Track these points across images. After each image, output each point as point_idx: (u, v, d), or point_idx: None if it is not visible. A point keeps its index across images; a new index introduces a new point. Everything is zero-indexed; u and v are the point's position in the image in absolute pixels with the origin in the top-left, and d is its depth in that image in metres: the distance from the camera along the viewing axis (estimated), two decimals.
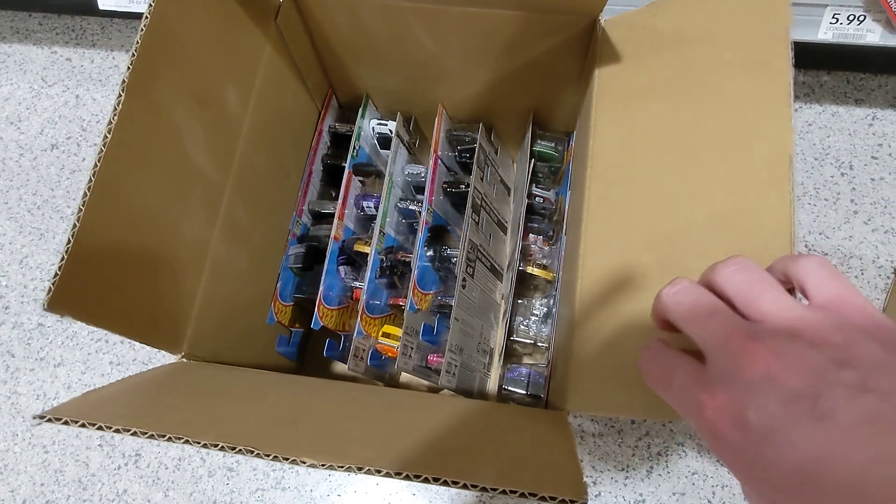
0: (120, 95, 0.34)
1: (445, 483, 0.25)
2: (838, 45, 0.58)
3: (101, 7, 0.65)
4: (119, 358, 0.64)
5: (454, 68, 0.53)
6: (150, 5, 0.35)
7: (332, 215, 0.55)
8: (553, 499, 0.24)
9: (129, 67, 0.34)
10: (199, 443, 0.26)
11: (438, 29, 0.48)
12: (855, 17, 0.56)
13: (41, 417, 0.28)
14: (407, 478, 0.25)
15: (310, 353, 0.61)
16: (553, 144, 0.58)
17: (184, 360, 0.41)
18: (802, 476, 0.19)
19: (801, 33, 0.58)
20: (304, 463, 0.26)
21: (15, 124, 0.75)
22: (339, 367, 0.60)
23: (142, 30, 0.35)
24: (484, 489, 0.25)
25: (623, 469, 0.57)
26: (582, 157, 0.46)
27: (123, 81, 0.34)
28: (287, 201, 0.55)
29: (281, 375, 0.46)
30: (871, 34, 0.57)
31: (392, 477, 0.25)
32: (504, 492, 0.24)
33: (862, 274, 0.63)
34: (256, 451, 0.26)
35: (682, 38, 0.39)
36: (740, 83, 0.36)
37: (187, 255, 0.41)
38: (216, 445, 0.26)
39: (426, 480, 0.25)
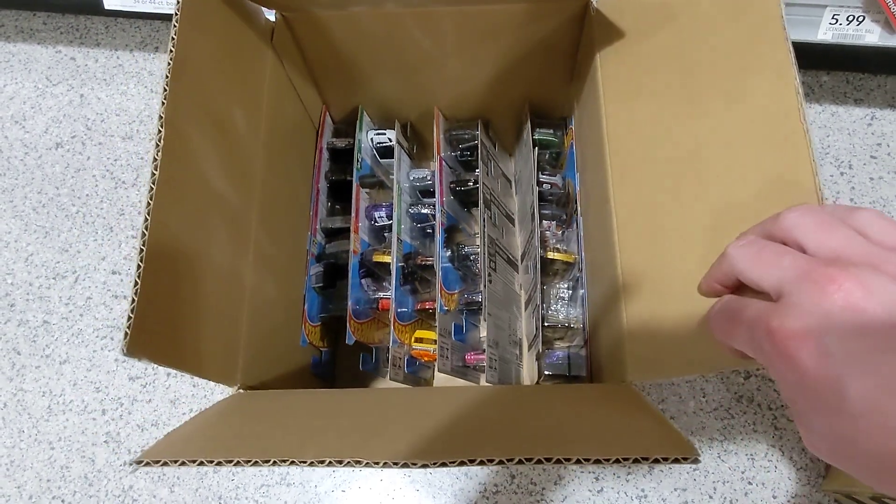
0: (160, 131, 0.33)
1: (559, 461, 0.25)
2: (838, 46, 0.59)
3: (106, 7, 0.65)
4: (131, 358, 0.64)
5: (451, 68, 0.54)
6: (174, 39, 0.35)
7: (344, 231, 0.56)
8: (666, 459, 0.25)
9: (163, 102, 0.34)
10: (304, 462, 0.26)
11: (435, 31, 0.49)
12: (854, 17, 0.57)
13: (139, 462, 0.27)
14: (520, 462, 0.25)
15: (340, 371, 0.61)
16: (552, 131, 0.59)
17: (240, 391, 0.41)
18: (875, 405, 0.19)
19: (800, 34, 0.59)
20: (415, 465, 0.26)
21: (20, 123, 0.76)
22: (371, 380, 0.60)
23: (169, 63, 0.35)
24: (598, 461, 0.25)
25: (626, 465, 0.58)
26: (595, 138, 0.47)
27: (161, 118, 0.34)
28: (301, 221, 0.56)
29: (342, 391, 0.46)
30: (871, 34, 0.58)
31: (519, 464, 0.25)
32: (617, 461, 0.25)
33: None
34: (365, 461, 0.26)
35: (671, 7, 0.40)
36: (738, 47, 0.36)
37: (229, 286, 0.41)
38: (322, 462, 0.26)
39: (539, 462, 0.25)
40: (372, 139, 0.59)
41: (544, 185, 0.57)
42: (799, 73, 0.32)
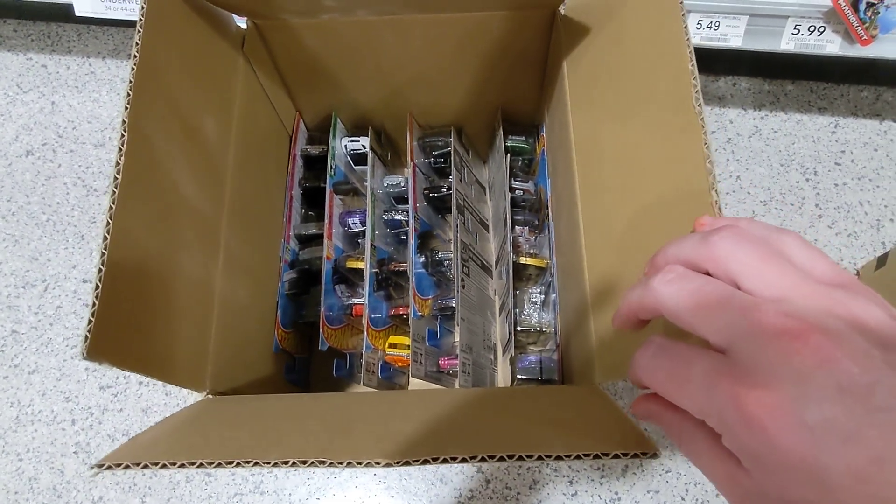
0: (123, 136, 0.33)
1: (521, 458, 0.25)
2: (800, 56, 0.61)
3: (77, 13, 0.65)
4: (95, 364, 0.63)
5: (424, 76, 0.54)
6: (137, 44, 0.35)
7: (318, 237, 0.56)
8: (626, 455, 0.25)
9: (126, 107, 0.34)
10: (268, 463, 0.26)
11: (407, 38, 0.49)
12: (815, 28, 0.59)
13: (100, 466, 0.27)
14: (483, 460, 0.25)
15: (313, 377, 0.61)
16: (524, 138, 0.60)
17: (209, 396, 0.41)
18: (862, 477, 0.17)
19: (764, 43, 0.60)
20: (379, 464, 0.26)
21: None
22: (345, 386, 0.60)
23: (132, 68, 0.35)
24: (559, 458, 0.25)
25: (599, 468, 0.58)
26: (564, 145, 0.47)
27: (123, 122, 0.34)
28: (275, 228, 0.56)
29: (313, 395, 0.46)
30: (831, 45, 0.59)
31: (482, 461, 0.25)
32: (578, 457, 0.25)
33: (844, 268, 0.65)
34: (329, 461, 0.26)
35: (617, 17, 0.41)
36: (652, 62, 0.37)
37: (198, 292, 0.41)
38: (286, 462, 0.26)
39: (501, 459, 0.25)
40: (346, 146, 0.60)
41: (517, 191, 0.58)
42: (698, 80, 0.32)
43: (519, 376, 0.53)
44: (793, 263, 0.21)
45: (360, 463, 0.26)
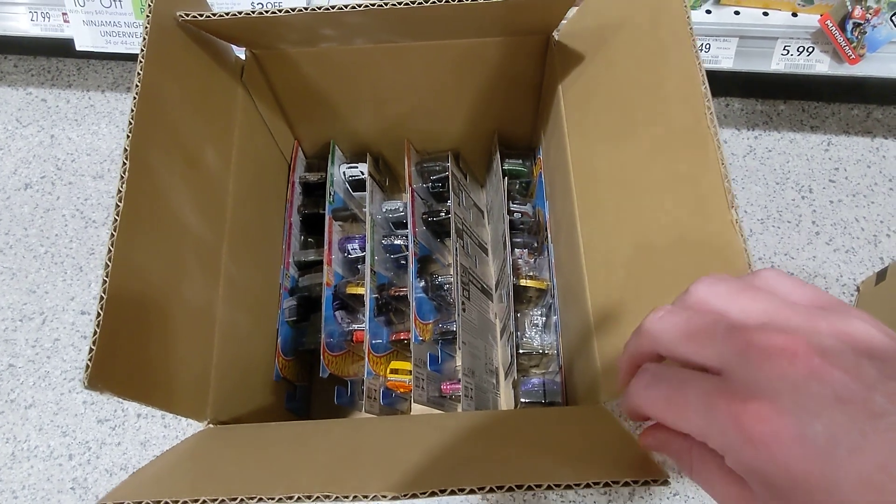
0: (124, 164, 0.33)
1: (530, 488, 0.25)
2: (791, 76, 0.62)
3: (77, 48, 0.65)
4: (93, 397, 0.63)
5: (420, 102, 0.55)
6: (139, 74, 0.36)
7: (317, 263, 0.56)
8: (636, 482, 0.24)
9: (128, 136, 0.34)
10: (272, 498, 0.26)
11: (403, 66, 0.50)
12: (804, 48, 0.60)
13: None
14: (491, 490, 0.25)
15: (315, 405, 0.60)
16: (521, 161, 0.60)
17: (210, 426, 0.41)
18: (871, 484, 0.17)
19: (755, 64, 0.61)
20: (385, 497, 0.25)
21: None
22: (347, 414, 0.59)
23: (134, 98, 0.35)
24: (569, 486, 0.25)
25: (606, 493, 0.57)
26: (561, 167, 0.48)
27: (125, 150, 0.34)
28: (274, 256, 0.56)
29: (315, 422, 0.45)
30: (821, 64, 0.60)
31: (490, 492, 0.25)
32: (588, 485, 0.24)
33: (827, 292, 0.65)
34: (335, 495, 0.25)
35: (607, 37, 0.41)
36: (660, 85, 0.37)
37: (199, 320, 0.41)
38: (291, 497, 0.26)
39: (510, 490, 0.25)
40: (344, 172, 0.60)
41: (515, 213, 0.58)
42: (711, 101, 0.32)
43: (522, 400, 0.52)
44: (773, 293, 0.21)
45: (366, 497, 0.25)
